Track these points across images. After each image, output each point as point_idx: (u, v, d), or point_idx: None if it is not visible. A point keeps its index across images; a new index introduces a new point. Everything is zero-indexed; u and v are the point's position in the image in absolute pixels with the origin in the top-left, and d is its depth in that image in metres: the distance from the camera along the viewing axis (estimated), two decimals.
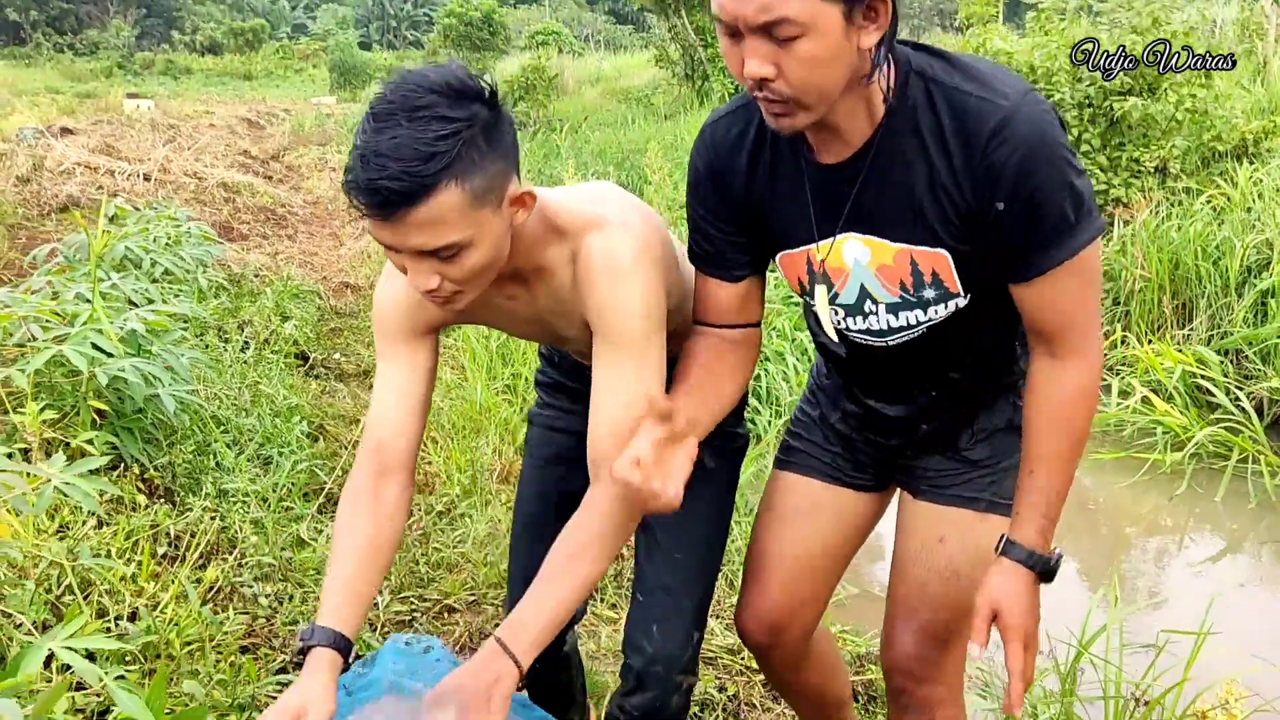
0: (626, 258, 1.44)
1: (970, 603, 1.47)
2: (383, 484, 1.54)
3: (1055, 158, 1.28)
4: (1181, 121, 6.28)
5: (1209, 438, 4.26)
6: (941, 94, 1.30)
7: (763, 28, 1.19)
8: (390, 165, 1.22)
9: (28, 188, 8.21)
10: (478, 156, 1.27)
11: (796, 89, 1.23)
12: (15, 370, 2.39)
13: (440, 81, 1.27)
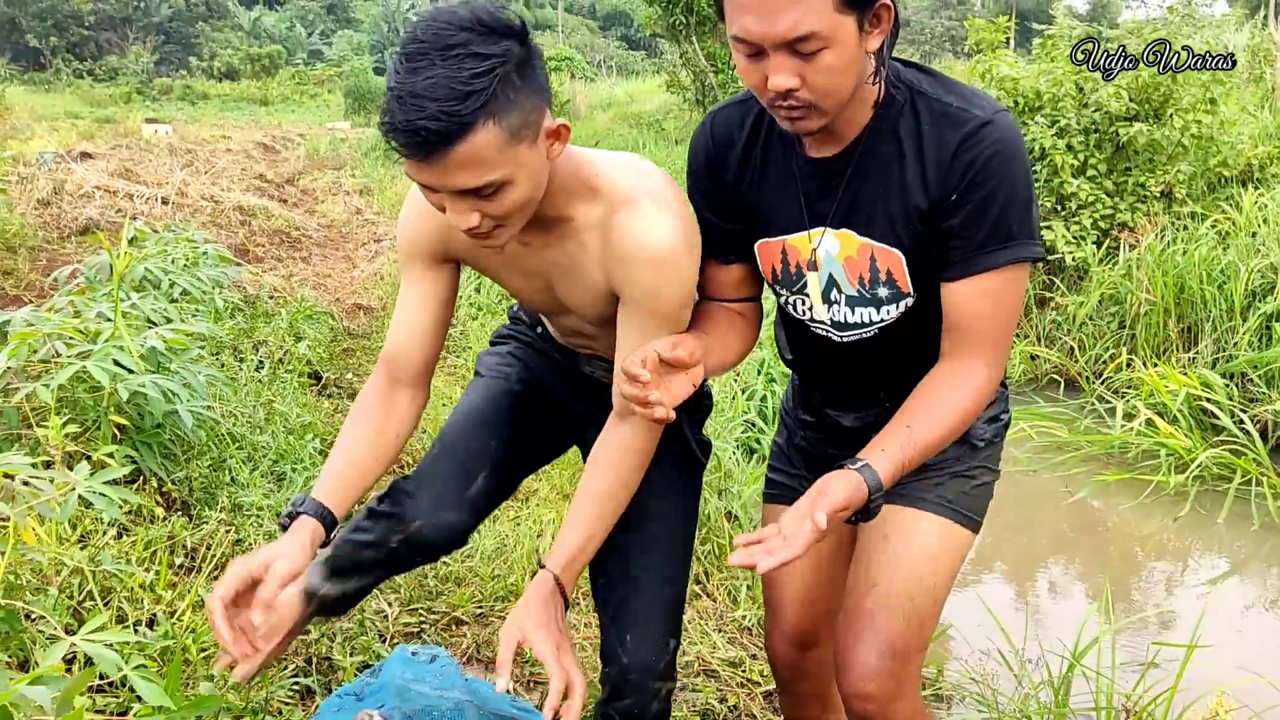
0: (672, 241, 1.46)
1: (920, 609, 1.54)
2: (394, 391, 1.61)
3: (1019, 171, 1.39)
4: (1187, 147, 6.34)
5: (1212, 459, 4.29)
6: (924, 103, 1.41)
7: (789, 44, 1.27)
8: (428, 105, 1.22)
9: (48, 211, 8.35)
10: (513, 93, 1.27)
11: (819, 96, 1.32)
12: (40, 386, 2.47)
13: (471, 18, 1.27)
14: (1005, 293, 1.43)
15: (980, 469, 1.65)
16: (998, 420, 1.68)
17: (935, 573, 1.57)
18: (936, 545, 1.58)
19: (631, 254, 1.46)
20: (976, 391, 1.45)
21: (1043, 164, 6.49)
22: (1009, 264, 1.40)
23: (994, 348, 1.45)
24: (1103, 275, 5.86)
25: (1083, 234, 6.30)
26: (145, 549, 2.40)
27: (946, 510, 1.60)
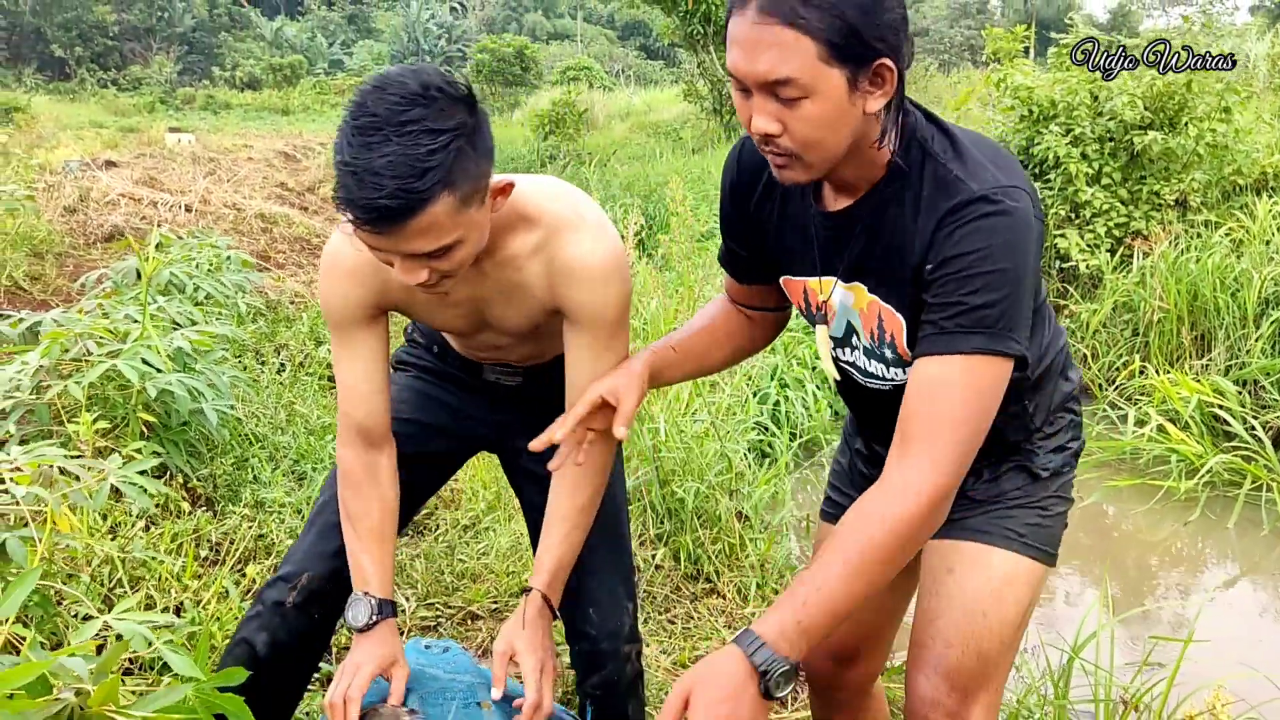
0: (610, 259, 1.54)
1: (981, 644, 1.49)
2: (373, 459, 1.66)
3: (1008, 252, 1.27)
4: (1202, 155, 6.36)
5: (1223, 465, 4.31)
6: (931, 166, 1.34)
7: (768, 86, 1.23)
8: (386, 183, 1.24)
9: (74, 218, 8.50)
10: (468, 164, 1.31)
11: (799, 146, 1.28)
12: (71, 383, 2.55)
13: (421, 90, 1.28)
14: (966, 384, 1.28)
15: (1052, 499, 1.58)
16: (1065, 449, 1.61)
17: (1000, 608, 1.50)
18: (1000, 580, 1.51)
19: (577, 272, 1.52)
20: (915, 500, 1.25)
21: (1057, 172, 6.52)
22: (974, 352, 1.27)
23: (942, 445, 1.27)
24: (1116, 283, 5.89)
25: (1097, 242, 6.32)
26: (172, 541, 2.48)
27: (1015, 543, 1.53)
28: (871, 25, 1.21)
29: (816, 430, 4.73)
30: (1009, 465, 1.57)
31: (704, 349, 1.67)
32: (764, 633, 1.19)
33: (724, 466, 3.66)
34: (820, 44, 1.20)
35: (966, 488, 1.55)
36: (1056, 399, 1.58)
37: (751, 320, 1.71)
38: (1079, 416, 1.64)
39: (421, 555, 3.23)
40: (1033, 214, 1.30)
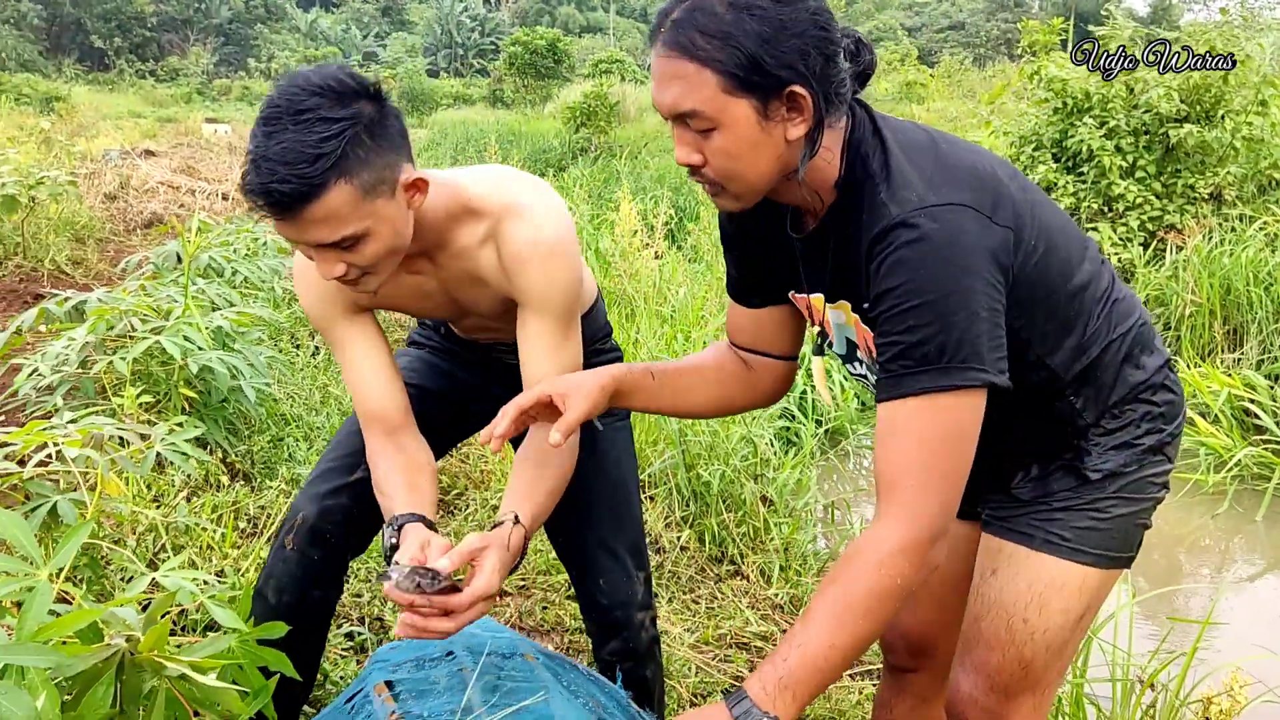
0: (554, 239, 1.55)
1: (1022, 649, 1.45)
2: (398, 440, 1.65)
3: (929, 284, 1.20)
4: (1238, 149, 6.31)
5: (1251, 458, 4.30)
6: (869, 187, 1.28)
7: (679, 118, 1.23)
8: (279, 169, 1.29)
9: (114, 205, 8.68)
10: (364, 152, 1.34)
11: (719, 176, 1.26)
12: (117, 358, 2.63)
13: (321, 83, 1.33)
14: (921, 429, 1.22)
15: (1111, 501, 1.45)
16: (1134, 445, 1.45)
17: (1042, 615, 1.46)
18: (1045, 586, 1.45)
19: (524, 255, 1.54)
20: (888, 559, 1.21)
21: (1090, 165, 6.50)
22: (923, 393, 1.21)
23: (907, 497, 1.22)
24: (1148, 276, 5.86)
25: (1129, 236, 6.29)
26: (212, 511, 2.55)
27: (1061, 549, 1.45)
28: (773, 54, 1.18)
29: (843, 419, 4.75)
30: (1059, 463, 1.48)
31: (687, 385, 1.59)
32: (750, 689, 1.21)
33: (749, 451, 3.70)
34: (720, 75, 1.19)
35: (1012, 485, 1.51)
36: (1120, 390, 1.44)
37: (750, 370, 1.61)
38: (1162, 406, 1.46)
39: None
40: (969, 225, 1.22)
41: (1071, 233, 1.43)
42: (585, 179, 11.03)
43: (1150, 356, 1.47)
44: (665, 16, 1.22)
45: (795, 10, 1.20)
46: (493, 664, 1.64)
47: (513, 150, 14.04)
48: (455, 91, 34.11)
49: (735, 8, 1.18)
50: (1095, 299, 1.42)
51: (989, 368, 1.22)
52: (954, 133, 8.24)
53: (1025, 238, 1.30)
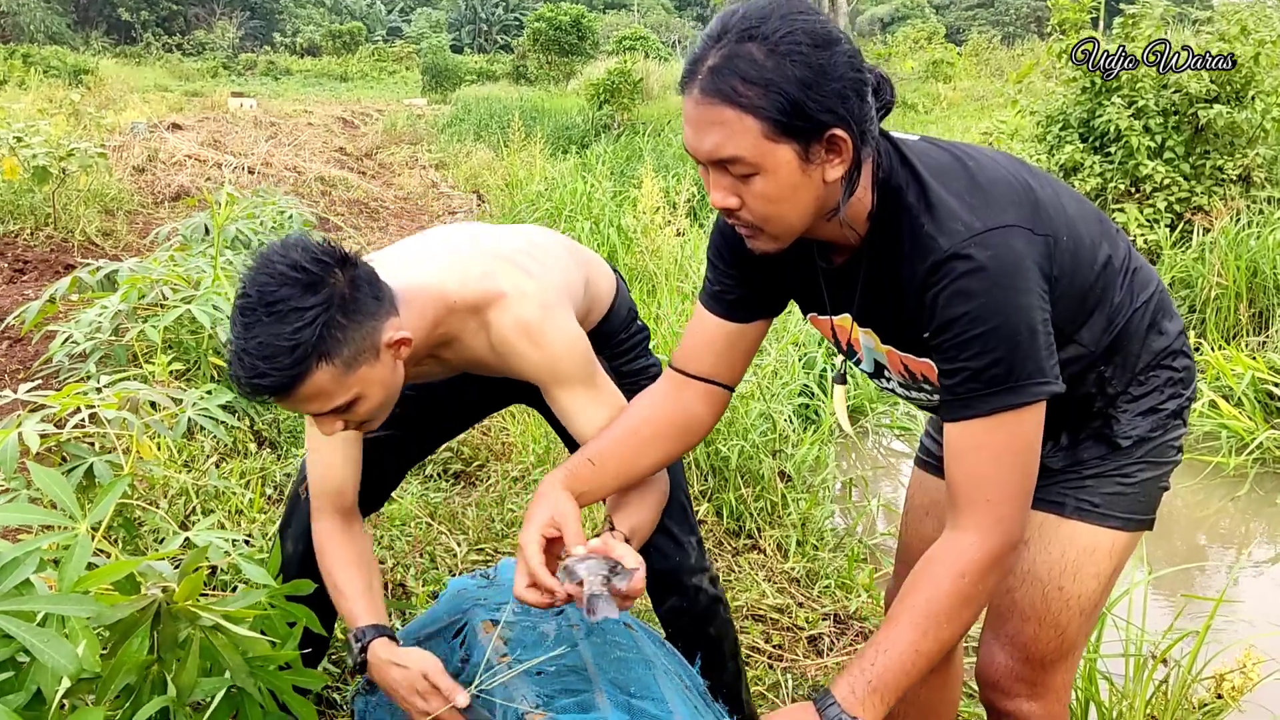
0: (537, 321, 1.58)
1: (1058, 617, 1.50)
2: (349, 525, 1.70)
3: (996, 306, 1.24)
4: (1268, 130, 6.24)
5: (1273, 440, 4.28)
6: (908, 221, 1.30)
7: (719, 164, 1.23)
8: (259, 364, 1.34)
9: (142, 177, 8.77)
10: (340, 332, 1.37)
11: (759, 220, 1.27)
12: (148, 326, 2.69)
13: (289, 270, 1.35)
14: (994, 444, 1.28)
15: (1137, 465, 1.50)
16: (1159, 410, 1.50)
17: (1076, 581, 1.50)
18: (1077, 552, 1.49)
19: (512, 341, 1.59)
20: (971, 565, 1.28)
21: (1118, 145, 6.44)
22: (993, 413, 1.27)
23: (987, 509, 1.29)
24: (1174, 258, 5.82)
25: (1156, 217, 6.24)
26: (240, 477, 2.61)
27: (1091, 515, 1.50)
28: (815, 99, 1.19)
29: (862, 398, 4.77)
30: (1088, 432, 1.52)
31: (629, 455, 1.58)
32: (837, 692, 1.27)
33: (768, 427, 3.72)
34: (763, 122, 1.19)
35: (1044, 455, 1.50)
36: (1146, 358, 1.48)
37: (691, 407, 1.60)
38: (1181, 372, 1.51)
39: (474, 504, 3.35)
40: (1018, 245, 1.26)
41: (1089, 212, 1.46)
42: (608, 156, 11.02)
43: (1171, 322, 1.52)
44: (699, 63, 1.22)
45: (833, 55, 1.20)
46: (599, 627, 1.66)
47: (536, 127, 14.04)
48: (479, 67, 34.05)
49: (776, 54, 1.18)
50: (1117, 271, 1.46)
51: (1050, 378, 1.29)
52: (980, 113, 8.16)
53: (1060, 236, 1.34)
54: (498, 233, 1.79)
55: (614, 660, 1.50)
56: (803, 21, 1.20)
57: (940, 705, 1.85)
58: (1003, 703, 1.58)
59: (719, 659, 1.99)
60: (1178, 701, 2.09)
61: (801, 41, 1.18)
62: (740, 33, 1.20)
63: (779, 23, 1.19)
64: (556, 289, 1.67)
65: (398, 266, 1.60)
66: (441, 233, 1.78)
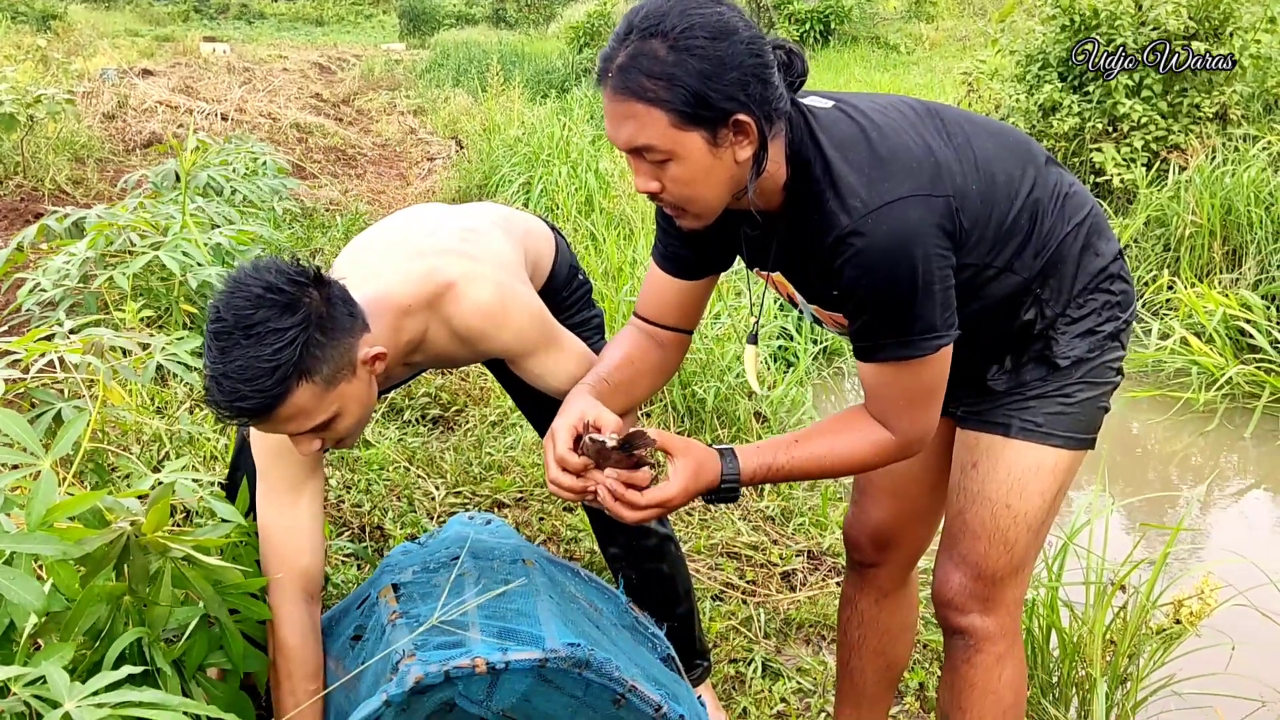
0: (495, 300, 1.61)
1: (1007, 534, 1.58)
2: (313, 610, 1.64)
3: (891, 277, 1.35)
4: (1245, 68, 6.22)
5: (1243, 376, 4.34)
6: (814, 193, 1.39)
7: (635, 152, 1.33)
8: (240, 387, 1.34)
9: (113, 124, 8.62)
10: (318, 350, 1.38)
11: (679, 201, 1.37)
12: (117, 273, 2.67)
13: (264, 291, 1.35)
14: (897, 384, 1.45)
15: (1077, 386, 1.57)
16: (1096, 332, 1.57)
17: (1023, 499, 1.57)
18: (1023, 471, 1.57)
19: (473, 327, 1.61)
20: (876, 447, 1.49)
21: (1096, 84, 6.42)
22: (893, 360, 1.42)
23: (898, 419, 1.47)
24: (1150, 197, 5.83)
25: (1133, 156, 6.24)
26: (215, 423, 2.62)
27: (1035, 435, 1.57)
28: (715, 88, 1.27)
29: (838, 341, 4.80)
30: (1029, 355, 1.58)
31: (630, 381, 1.67)
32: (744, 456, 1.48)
33: (742, 369, 3.74)
34: (670, 113, 1.28)
35: (988, 377, 1.61)
36: (1083, 279, 1.55)
37: (663, 347, 1.70)
38: (1119, 295, 1.58)
39: (451, 448, 3.37)
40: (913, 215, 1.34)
41: (1011, 145, 1.53)
42: (588, 101, 10.91)
43: (1106, 243, 1.58)
44: (609, 62, 1.31)
45: (731, 45, 1.28)
46: (492, 568, 1.71)
47: (515, 71, 13.85)
48: (458, 10, 33.42)
49: (676, 49, 1.27)
50: (1047, 198, 1.53)
51: (942, 332, 1.41)
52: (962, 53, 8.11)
53: (968, 189, 1.43)
54: (430, 225, 1.78)
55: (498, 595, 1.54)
56: (699, 16, 1.28)
57: (897, 629, 1.90)
58: (957, 619, 1.64)
59: (673, 596, 2.04)
60: (1136, 627, 2.15)
61: (699, 35, 1.27)
62: (642, 31, 1.29)
63: (677, 19, 1.28)
64: (502, 264, 1.70)
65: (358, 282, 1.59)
66: (372, 241, 1.77)
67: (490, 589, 1.60)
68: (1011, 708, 1.67)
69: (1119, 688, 2.18)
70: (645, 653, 1.73)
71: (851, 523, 1.86)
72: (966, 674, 1.65)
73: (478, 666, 1.31)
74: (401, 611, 1.60)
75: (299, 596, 1.59)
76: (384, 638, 1.49)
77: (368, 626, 1.61)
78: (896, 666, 1.95)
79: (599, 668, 1.37)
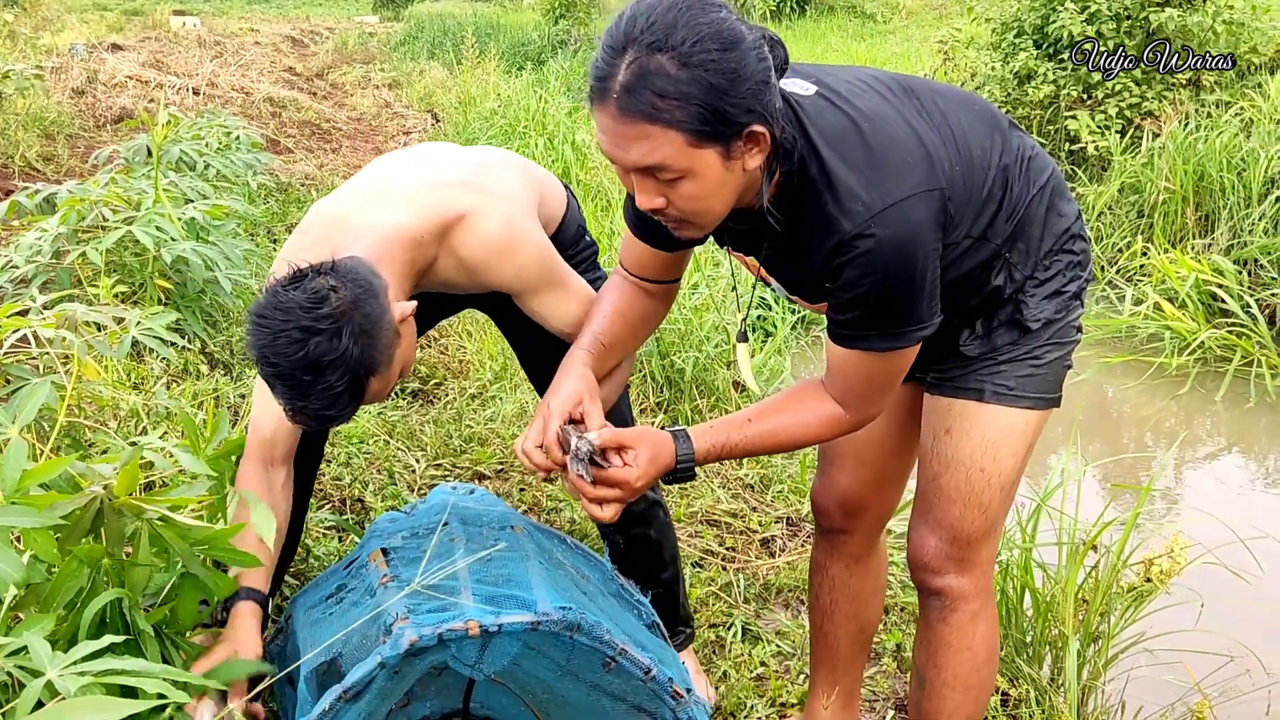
0: (503, 234, 1.64)
1: (981, 496, 1.60)
2: (272, 474, 1.71)
3: (891, 277, 1.35)
4: (1219, 33, 6.26)
5: (1215, 340, 4.40)
6: (811, 195, 1.37)
7: (644, 170, 1.27)
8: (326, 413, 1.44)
9: (83, 100, 8.49)
10: (372, 348, 1.44)
11: (686, 216, 1.33)
12: (90, 248, 2.65)
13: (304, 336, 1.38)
14: (867, 369, 1.46)
15: (1045, 348, 1.59)
16: (1061, 294, 1.59)
17: (996, 461, 1.59)
18: (996, 434, 1.59)
19: (480, 259, 1.65)
20: (828, 422, 1.51)
21: (1072, 52, 6.43)
22: (872, 350, 1.43)
23: (858, 399, 1.49)
24: (1124, 164, 5.87)
25: (1107, 123, 6.27)
26: (193, 399, 2.61)
27: (1007, 398, 1.59)
28: (732, 103, 1.21)
29: None
30: (1000, 319, 1.59)
31: (624, 338, 1.70)
32: (696, 437, 1.49)
33: (723, 339, 3.76)
34: (685, 133, 1.21)
35: (960, 343, 1.61)
36: (1049, 241, 1.56)
37: (652, 296, 1.71)
38: (1080, 255, 1.60)
39: (431, 421, 3.37)
40: (916, 215, 1.33)
41: (978, 115, 1.53)
42: (564, 72, 10.83)
43: (1067, 204, 1.60)
44: (609, 79, 1.23)
45: (743, 54, 1.22)
46: (480, 534, 1.72)
47: (491, 44, 13.73)
48: None
49: (689, 65, 1.19)
50: (1014, 163, 1.53)
51: (926, 322, 1.42)
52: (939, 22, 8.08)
53: (954, 172, 1.42)
54: (448, 157, 1.79)
55: (486, 562, 1.55)
56: (707, 26, 1.20)
57: (869, 592, 1.93)
58: (933, 581, 1.67)
59: (658, 561, 2.06)
60: (1107, 586, 2.19)
61: (711, 48, 1.20)
62: (648, 45, 1.20)
63: (686, 31, 1.19)
64: (514, 201, 1.71)
65: (356, 217, 1.62)
66: (388, 165, 1.78)
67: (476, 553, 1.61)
68: (985, 664, 1.71)
69: (1091, 645, 2.23)
70: (631, 619, 1.75)
71: (820, 491, 1.88)
72: (942, 633, 1.69)
73: (470, 629, 1.32)
74: (392, 575, 1.61)
75: (254, 456, 1.70)
76: (375, 599, 1.50)
77: (348, 586, 1.62)
78: (869, 628, 1.98)
79: (590, 631, 1.39)
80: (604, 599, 1.74)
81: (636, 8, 1.24)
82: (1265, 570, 2.51)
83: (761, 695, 2.22)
